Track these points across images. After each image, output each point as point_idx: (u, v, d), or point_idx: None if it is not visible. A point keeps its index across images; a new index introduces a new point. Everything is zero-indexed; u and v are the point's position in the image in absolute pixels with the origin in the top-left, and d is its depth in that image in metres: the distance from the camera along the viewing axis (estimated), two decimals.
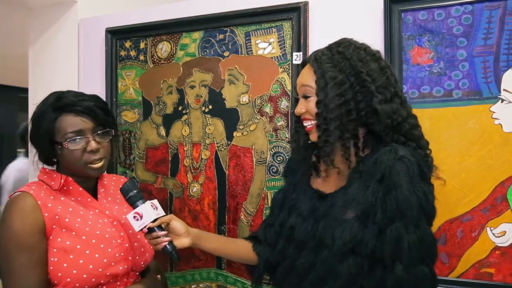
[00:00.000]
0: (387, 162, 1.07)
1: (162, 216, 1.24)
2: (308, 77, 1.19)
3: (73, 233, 1.19)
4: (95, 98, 1.30)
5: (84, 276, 1.15)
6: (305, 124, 1.21)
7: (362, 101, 1.13)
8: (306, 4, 1.59)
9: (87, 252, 1.17)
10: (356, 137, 1.16)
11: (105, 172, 1.35)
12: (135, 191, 1.23)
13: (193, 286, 1.80)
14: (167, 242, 1.21)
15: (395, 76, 1.19)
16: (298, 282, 1.18)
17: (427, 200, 1.07)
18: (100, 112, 1.26)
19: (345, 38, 1.21)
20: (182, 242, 1.28)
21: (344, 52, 1.16)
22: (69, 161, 1.23)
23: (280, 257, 1.27)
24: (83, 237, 1.19)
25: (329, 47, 1.20)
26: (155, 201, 1.25)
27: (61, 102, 1.23)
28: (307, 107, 1.18)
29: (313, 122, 1.17)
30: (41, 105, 1.26)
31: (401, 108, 1.15)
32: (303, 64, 1.25)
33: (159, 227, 1.22)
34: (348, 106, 1.13)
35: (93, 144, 1.23)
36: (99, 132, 1.25)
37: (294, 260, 1.20)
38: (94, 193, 1.32)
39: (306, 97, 1.19)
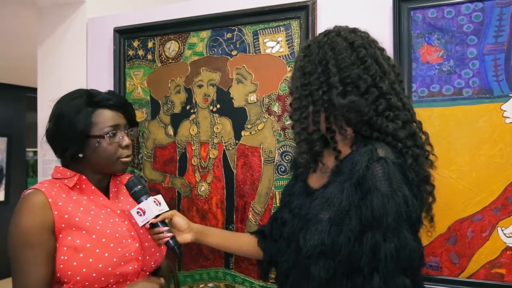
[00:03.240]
0: (363, 164, 0.99)
1: (165, 212, 1.25)
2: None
3: (84, 231, 1.19)
4: (122, 96, 1.34)
5: (94, 275, 1.16)
6: None
7: (327, 92, 1.06)
8: (314, 2, 1.58)
9: (97, 251, 1.17)
10: (330, 130, 1.09)
11: None
12: (139, 187, 1.25)
13: (201, 286, 1.80)
14: (169, 238, 1.23)
15: (384, 65, 1.08)
16: (284, 281, 1.16)
17: (407, 205, 0.98)
18: (130, 110, 1.32)
19: (336, 26, 1.15)
20: (184, 237, 1.30)
21: (321, 40, 1.10)
22: (102, 155, 1.23)
23: (280, 253, 1.24)
24: (94, 236, 1.19)
25: (315, 37, 1.16)
26: (159, 197, 1.26)
27: (96, 98, 1.25)
28: None
29: None
30: (69, 101, 1.24)
31: (381, 101, 1.05)
32: None
33: (162, 223, 1.24)
34: (314, 96, 1.07)
35: (127, 139, 1.26)
36: (129, 129, 1.29)
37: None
38: (106, 193, 1.33)
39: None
